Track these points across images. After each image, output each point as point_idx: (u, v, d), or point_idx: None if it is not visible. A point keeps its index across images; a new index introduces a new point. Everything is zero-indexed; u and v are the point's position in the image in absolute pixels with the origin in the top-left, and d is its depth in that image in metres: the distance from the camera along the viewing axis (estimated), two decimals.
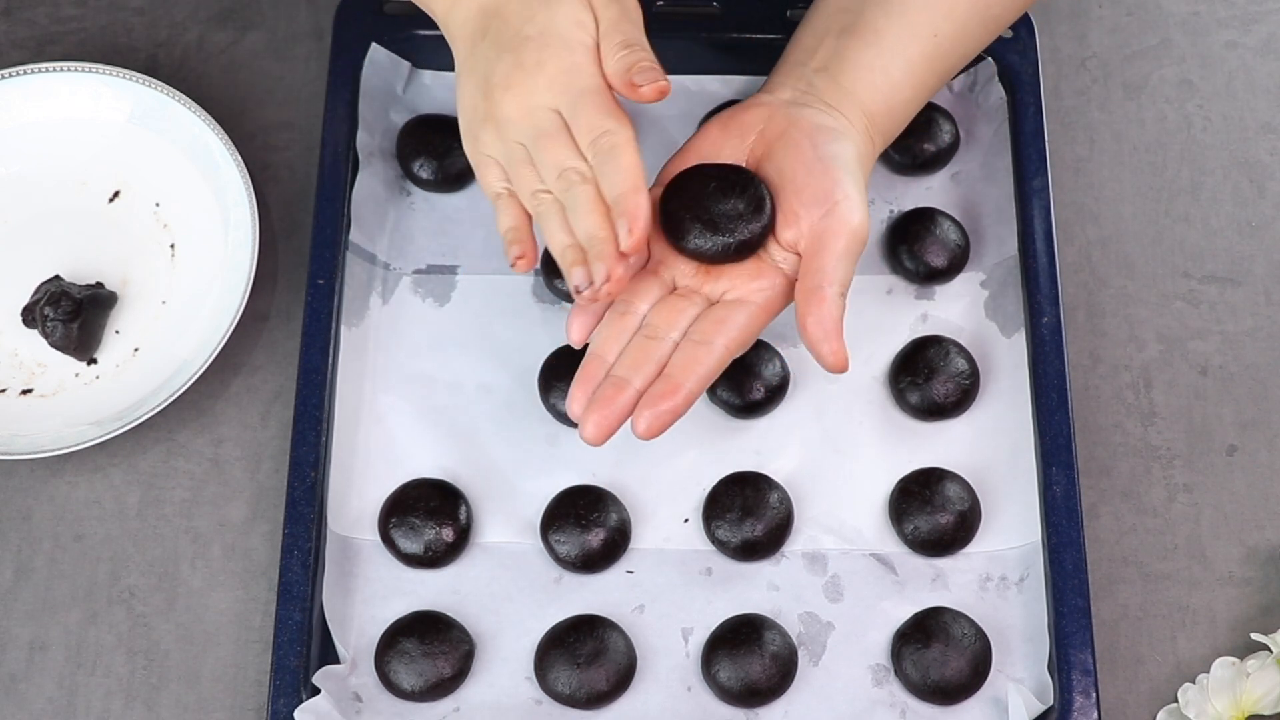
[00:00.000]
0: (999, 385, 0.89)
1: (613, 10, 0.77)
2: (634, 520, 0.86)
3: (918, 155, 0.94)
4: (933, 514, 0.85)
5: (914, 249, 0.91)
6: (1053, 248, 0.89)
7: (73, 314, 0.89)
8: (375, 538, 0.86)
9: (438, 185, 0.94)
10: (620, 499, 0.86)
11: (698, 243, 0.78)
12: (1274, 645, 0.83)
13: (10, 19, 1.01)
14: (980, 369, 0.89)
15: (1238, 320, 0.93)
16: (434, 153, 0.93)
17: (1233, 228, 0.95)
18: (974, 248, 0.92)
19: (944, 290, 0.92)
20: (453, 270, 0.92)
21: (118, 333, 0.92)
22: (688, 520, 0.87)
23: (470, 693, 0.83)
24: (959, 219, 0.92)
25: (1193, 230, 0.95)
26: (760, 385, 0.87)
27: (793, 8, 0.95)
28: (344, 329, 0.89)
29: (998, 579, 0.85)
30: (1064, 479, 0.84)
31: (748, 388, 0.87)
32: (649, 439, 0.75)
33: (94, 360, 0.91)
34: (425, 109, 0.96)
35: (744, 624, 0.83)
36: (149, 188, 0.95)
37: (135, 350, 0.91)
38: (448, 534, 0.85)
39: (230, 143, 0.92)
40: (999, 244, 0.92)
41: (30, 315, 0.91)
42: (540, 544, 0.86)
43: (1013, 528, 0.86)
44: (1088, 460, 0.88)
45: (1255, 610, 0.86)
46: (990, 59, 0.94)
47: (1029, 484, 0.86)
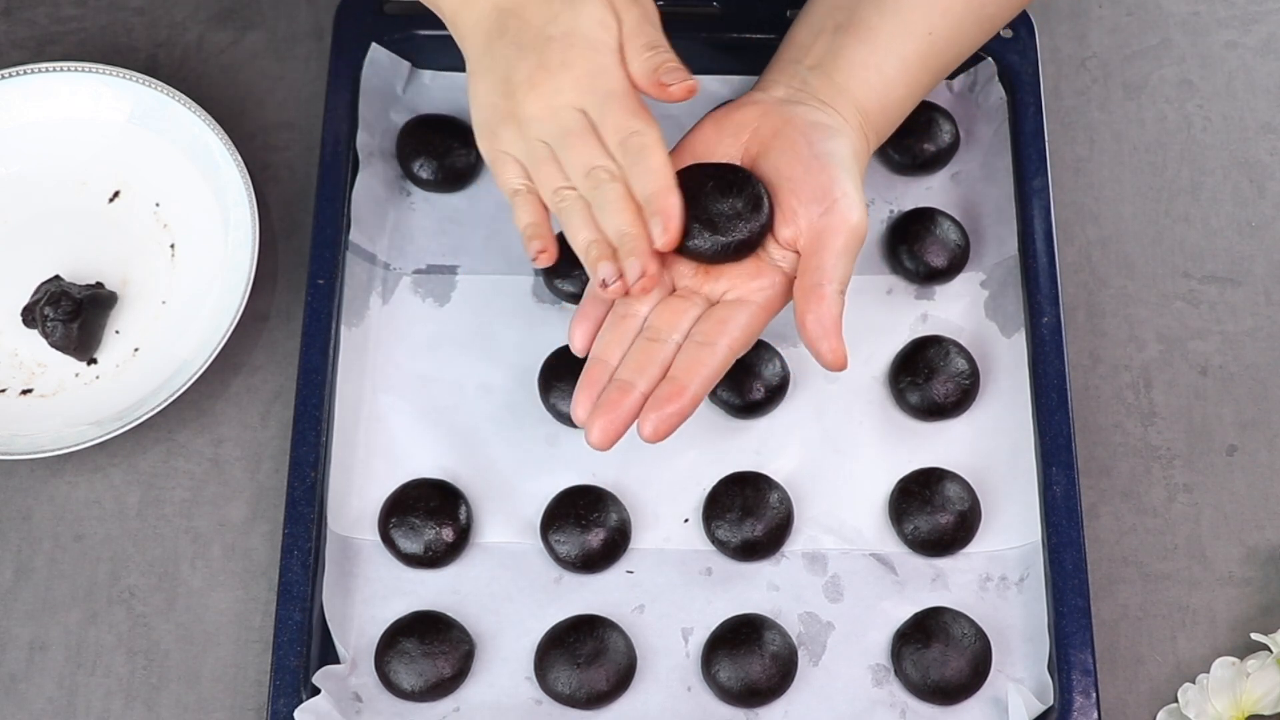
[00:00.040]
0: (999, 385, 0.89)
1: (635, 13, 0.78)
2: (634, 520, 0.86)
3: (918, 155, 0.94)
4: (933, 514, 0.85)
5: (914, 249, 0.91)
6: (1053, 248, 0.89)
7: (73, 314, 0.89)
8: (375, 538, 0.86)
9: (438, 185, 0.94)
10: (620, 499, 0.86)
11: (697, 243, 0.78)
12: (1274, 645, 0.83)
13: (10, 19, 1.01)
14: (980, 369, 0.89)
15: (1238, 320, 0.93)
16: (434, 153, 0.93)
17: (1233, 228, 0.95)
18: (974, 248, 0.92)
19: (944, 290, 0.92)
20: (453, 270, 0.92)
21: (118, 333, 0.92)
22: (688, 520, 0.87)
23: (470, 693, 0.83)
24: (959, 219, 0.92)
25: (1193, 230, 0.95)
26: (760, 385, 0.87)
27: (792, 8, 0.94)
28: (344, 329, 0.89)
29: (998, 579, 0.85)
30: (1064, 479, 0.84)
31: (748, 388, 0.87)
32: (655, 442, 0.76)
33: (94, 360, 0.91)
34: (425, 109, 0.96)
35: (744, 624, 0.83)
36: (149, 188, 0.95)
37: (135, 350, 0.91)
38: (448, 534, 0.85)
39: (230, 143, 0.92)
40: (999, 244, 0.92)
41: (30, 315, 0.91)
42: (540, 544, 0.86)
43: (1013, 528, 0.86)
44: (1088, 460, 0.88)
45: (1255, 610, 0.86)
46: (990, 59, 0.94)
47: (1029, 484, 0.86)
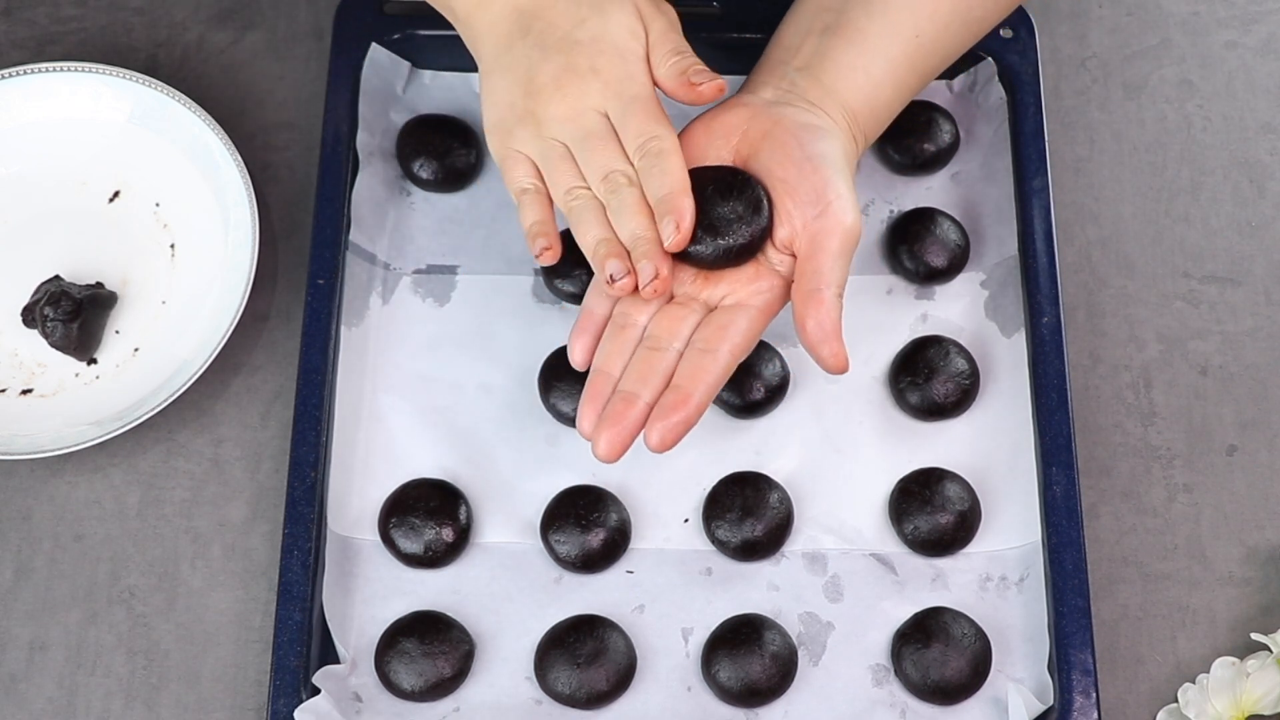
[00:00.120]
0: (999, 385, 0.89)
1: (661, 21, 0.80)
2: (634, 520, 0.86)
3: (918, 155, 0.94)
4: (933, 514, 0.85)
5: (914, 249, 0.91)
6: (1053, 248, 0.89)
7: (73, 314, 0.89)
8: (375, 538, 0.86)
9: (438, 185, 0.94)
10: (620, 499, 0.86)
11: (698, 248, 0.78)
12: (1274, 645, 0.83)
13: (10, 19, 1.01)
14: (980, 369, 0.89)
15: (1238, 320, 0.93)
16: (434, 153, 0.93)
17: (1233, 228, 0.95)
18: (974, 248, 0.92)
19: (944, 290, 0.92)
20: (453, 270, 0.92)
21: (118, 333, 0.92)
22: (688, 520, 0.87)
23: (470, 693, 0.83)
24: (959, 219, 0.92)
25: (1193, 230, 0.95)
26: (760, 385, 0.87)
27: None
28: (344, 329, 0.89)
29: (998, 579, 0.85)
30: (1064, 479, 0.84)
31: (748, 388, 0.87)
32: (662, 452, 0.76)
33: (94, 360, 0.91)
34: (425, 109, 0.96)
35: (744, 624, 0.83)
36: (149, 188, 0.95)
37: (135, 350, 0.91)
38: (448, 534, 0.85)
39: (230, 143, 0.92)
40: (999, 244, 0.92)
41: (30, 315, 0.91)
42: (540, 544, 0.86)
43: (1013, 528, 0.86)
44: (1088, 460, 0.88)
45: (1255, 610, 0.86)
46: (990, 59, 0.94)
47: (1029, 484, 0.86)
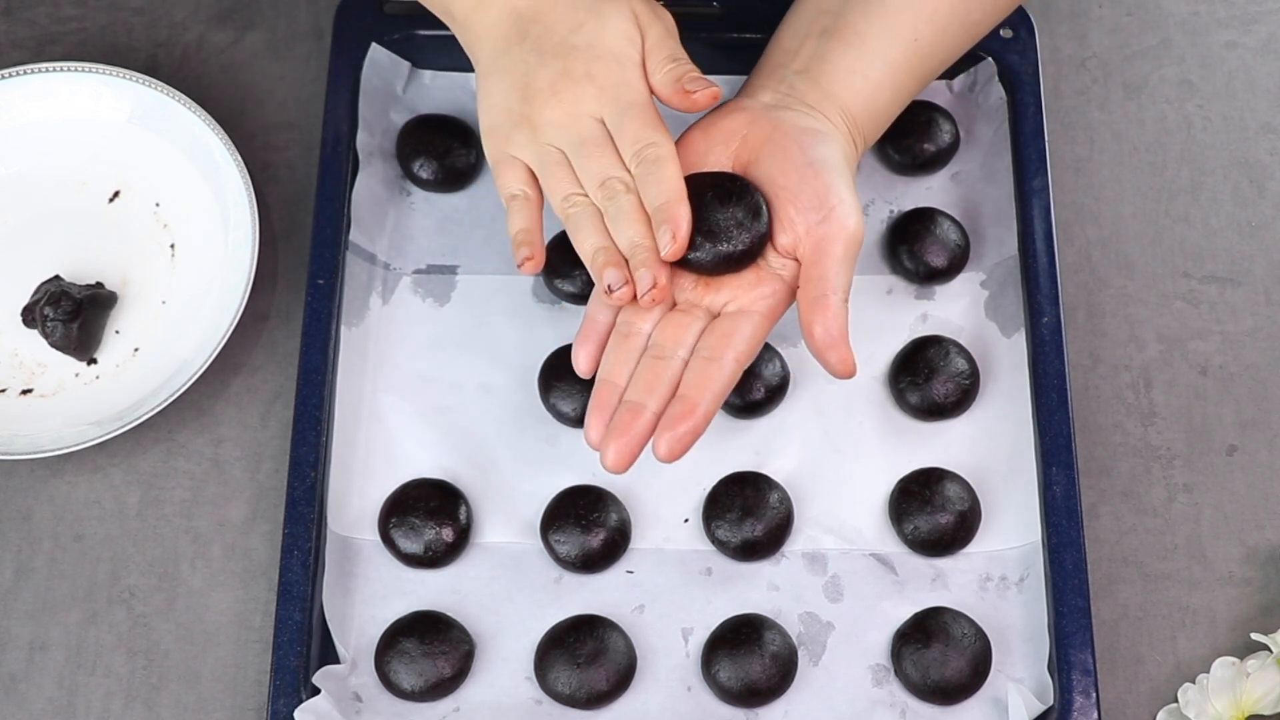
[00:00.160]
0: (999, 385, 0.89)
1: (658, 27, 0.80)
2: (634, 520, 0.86)
3: (918, 155, 0.94)
4: (933, 514, 0.85)
5: (914, 249, 0.91)
6: (1053, 248, 0.89)
7: (73, 314, 0.89)
8: (375, 538, 0.86)
9: (438, 185, 0.94)
10: (620, 499, 0.86)
11: (697, 254, 0.78)
12: (1274, 645, 0.83)
13: (10, 19, 1.01)
14: (980, 369, 0.89)
15: (1238, 320, 0.93)
16: (434, 153, 0.93)
17: (1233, 228, 0.95)
18: (974, 248, 0.92)
19: (944, 290, 0.92)
20: (453, 270, 0.92)
21: (118, 333, 0.92)
22: (688, 520, 0.87)
23: (470, 693, 0.83)
24: (959, 219, 0.92)
25: (1193, 230, 0.95)
26: (760, 385, 0.87)
27: None
28: (344, 329, 0.89)
29: (998, 579, 0.85)
30: (1064, 479, 0.84)
31: (748, 388, 0.87)
32: (670, 462, 0.75)
33: (94, 360, 0.91)
34: (425, 109, 0.96)
35: (744, 624, 0.83)
36: (149, 188, 0.95)
37: (135, 350, 0.91)
38: (448, 534, 0.85)
39: (230, 143, 0.92)
40: (999, 244, 0.92)
41: (30, 315, 0.91)
42: (540, 544, 0.86)
43: (1013, 528, 0.86)
44: (1088, 460, 0.88)
45: (1255, 610, 0.86)
46: (990, 59, 0.94)
47: (1029, 484, 0.86)
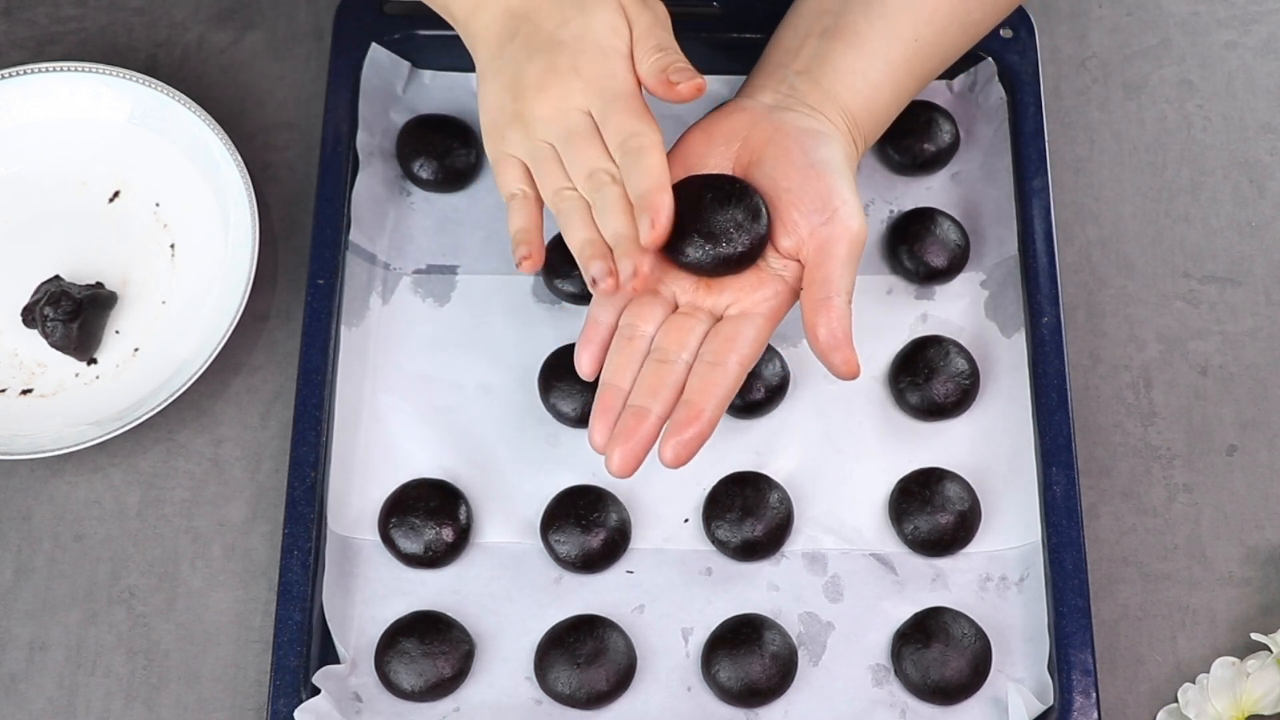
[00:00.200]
0: (999, 385, 0.89)
1: (646, 17, 0.79)
2: (634, 520, 0.86)
3: (918, 155, 0.94)
4: (933, 514, 0.85)
5: (914, 249, 0.91)
6: (1053, 248, 0.89)
7: (73, 314, 0.89)
8: (375, 538, 0.86)
9: (438, 185, 0.94)
10: (620, 499, 0.86)
11: (697, 256, 0.78)
12: (1274, 645, 0.83)
13: (10, 19, 1.01)
14: (980, 369, 0.89)
15: (1238, 320, 0.93)
16: (434, 153, 0.93)
17: (1233, 228, 0.95)
18: (974, 248, 0.92)
19: (944, 290, 0.92)
20: (453, 270, 0.92)
21: (118, 333, 0.92)
22: (688, 520, 0.87)
23: (470, 693, 0.83)
24: (959, 219, 0.92)
25: (1193, 230, 0.95)
26: (760, 385, 0.87)
27: None
28: (344, 329, 0.89)
29: (998, 579, 0.85)
30: (1064, 479, 0.84)
31: (748, 388, 0.87)
32: (677, 467, 0.75)
33: (94, 360, 0.91)
34: (425, 109, 0.96)
35: (744, 624, 0.83)
36: (149, 188, 0.95)
37: (135, 350, 0.91)
38: (448, 534, 0.84)
39: (230, 143, 0.92)
40: (999, 244, 0.92)
41: (30, 315, 0.91)
42: (540, 544, 0.86)
43: (1013, 528, 0.86)
44: (1088, 460, 0.88)
45: (1255, 610, 0.86)
46: (990, 59, 0.94)
47: (1029, 484, 0.86)
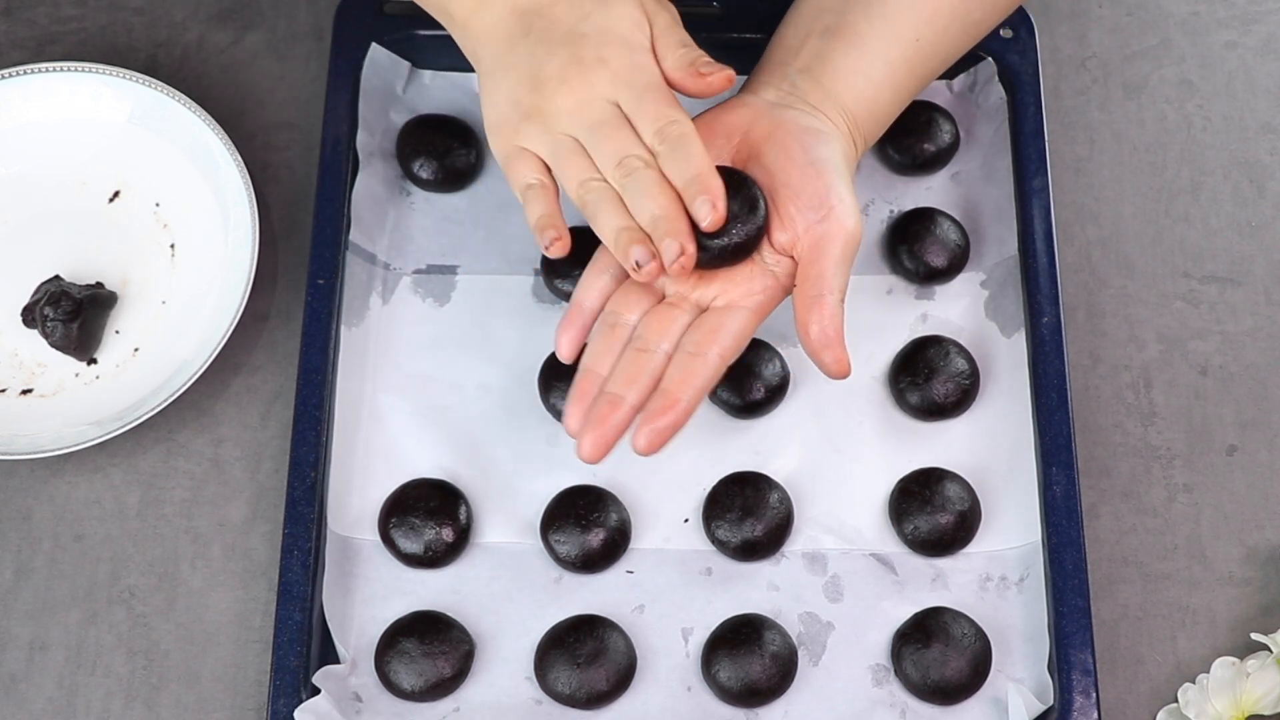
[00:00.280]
0: (999, 385, 0.89)
1: (665, 15, 0.80)
2: (634, 520, 0.86)
3: (918, 155, 0.94)
4: (933, 514, 0.85)
5: (914, 249, 0.91)
6: (1053, 248, 0.89)
7: (73, 314, 0.89)
8: (375, 538, 0.86)
9: (438, 185, 0.94)
10: (620, 499, 0.86)
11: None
12: (1274, 645, 0.83)
13: (10, 19, 1.01)
14: (980, 369, 0.89)
15: (1238, 320, 0.93)
16: (434, 153, 0.93)
17: (1233, 228, 0.95)
18: (974, 248, 0.92)
19: (944, 290, 0.92)
20: (453, 270, 0.92)
21: (118, 333, 0.92)
22: (688, 520, 0.87)
23: (470, 693, 0.83)
24: (959, 219, 0.92)
25: (1193, 230, 0.95)
26: (760, 385, 0.87)
27: None
28: (344, 329, 0.89)
29: (998, 579, 0.85)
30: (1064, 479, 0.84)
31: (748, 388, 0.87)
32: (648, 454, 0.75)
33: (94, 360, 0.91)
34: (425, 109, 0.96)
35: (744, 624, 0.83)
36: (149, 188, 0.95)
37: (135, 350, 0.91)
38: (448, 534, 0.85)
39: (230, 143, 0.92)
40: (999, 244, 0.92)
41: (30, 315, 0.91)
42: (540, 544, 0.86)
43: (1013, 528, 0.86)
44: (1088, 460, 0.88)
45: (1255, 610, 0.86)
46: (990, 59, 0.94)
47: (1029, 484, 0.86)
